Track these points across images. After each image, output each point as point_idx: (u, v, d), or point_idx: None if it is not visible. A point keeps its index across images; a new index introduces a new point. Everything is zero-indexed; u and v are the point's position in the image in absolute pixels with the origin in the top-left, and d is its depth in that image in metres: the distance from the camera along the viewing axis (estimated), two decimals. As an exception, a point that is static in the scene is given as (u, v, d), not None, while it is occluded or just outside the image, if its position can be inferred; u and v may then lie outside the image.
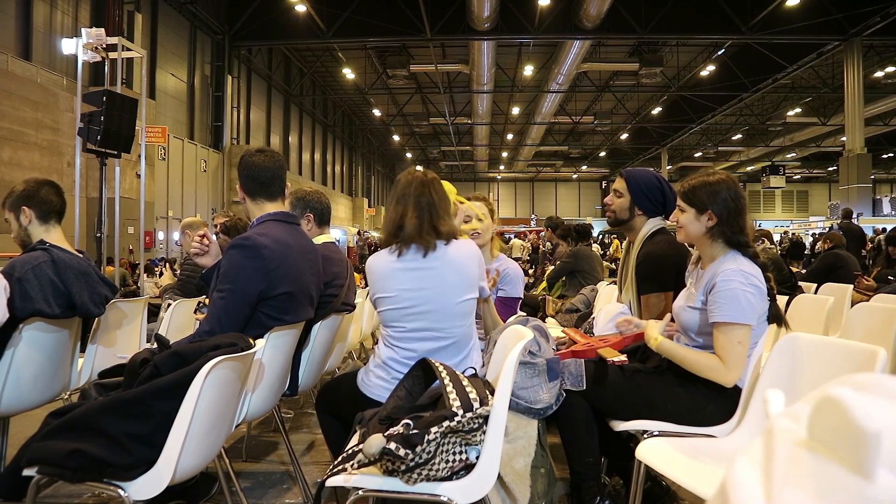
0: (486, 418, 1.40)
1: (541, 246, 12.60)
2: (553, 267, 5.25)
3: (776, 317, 1.80)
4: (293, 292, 1.97)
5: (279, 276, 1.91)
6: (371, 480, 1.40)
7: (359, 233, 22.18)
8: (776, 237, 17.20)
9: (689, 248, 2.21)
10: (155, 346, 1.81)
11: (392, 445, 1.31)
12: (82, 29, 6.23)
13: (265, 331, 1.93)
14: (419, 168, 1.94)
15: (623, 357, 1.77)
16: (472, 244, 1.89)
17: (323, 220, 2.70)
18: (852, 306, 3.16)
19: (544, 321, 3.48)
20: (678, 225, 1.93)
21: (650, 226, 2.37)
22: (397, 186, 1.85)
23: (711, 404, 1.77)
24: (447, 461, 1.37)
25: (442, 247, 1.77)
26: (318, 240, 2.63)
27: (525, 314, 2.46)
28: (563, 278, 4.83)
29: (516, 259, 8.50)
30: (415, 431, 1.34)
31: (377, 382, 1.80)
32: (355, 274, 2.96)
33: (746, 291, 1.68)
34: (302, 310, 2.08)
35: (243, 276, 1.86)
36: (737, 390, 1.78)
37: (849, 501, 0.40)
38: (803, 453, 0.44)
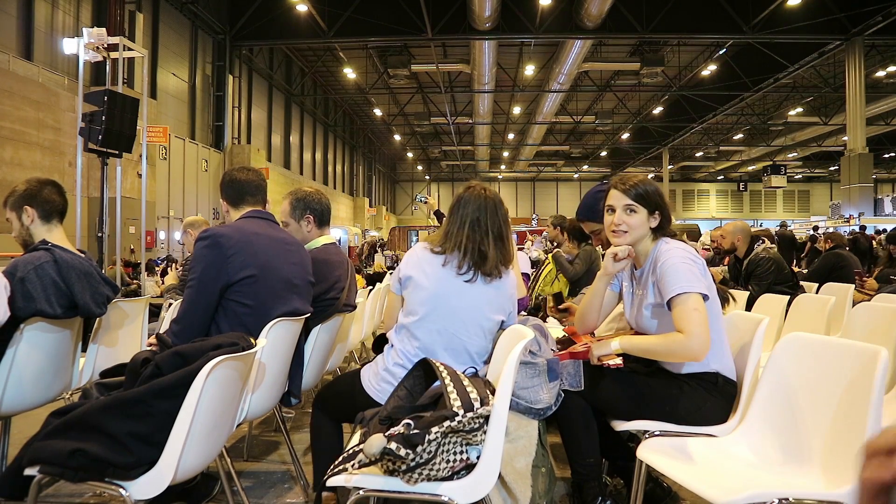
0: (486, 418, 1.40)
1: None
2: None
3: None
4: (258, 276, 2.00)
5: (239, 261, 1.98)
6: (372, 480, 1.40)
7: (372, 237, 22.10)
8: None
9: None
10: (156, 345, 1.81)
11: (393, 445, 1.32)
12: (84, 29, 6.24)
13: (239, 320, 1.97)
14: (482, 184, 1.95)
15: (619, 360, 1.78)
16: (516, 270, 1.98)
17: (323, 221, 2.66)
18: (854, 306, 3.15)
19: (545, 321, 3.47)
20: (623, 229, 1.86)
21: None
22: (468, 205, 1.87)
23: (709, 404, 1.76)
24: (448, 461, 1.37)
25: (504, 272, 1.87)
26: (319, 241, 2.62)
27: (525, 314, 2.45)
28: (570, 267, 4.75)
29: None
30: (416, 431, 1.34)
31: (385, 388, 1.81)
32: (356, 275, 2.94)
33: (686, 263, 1.73)
34: (279, 297, 2.07)
35: (202, 266, 1.96)
36: (736, 389, 1.78)
37: None
38: None
